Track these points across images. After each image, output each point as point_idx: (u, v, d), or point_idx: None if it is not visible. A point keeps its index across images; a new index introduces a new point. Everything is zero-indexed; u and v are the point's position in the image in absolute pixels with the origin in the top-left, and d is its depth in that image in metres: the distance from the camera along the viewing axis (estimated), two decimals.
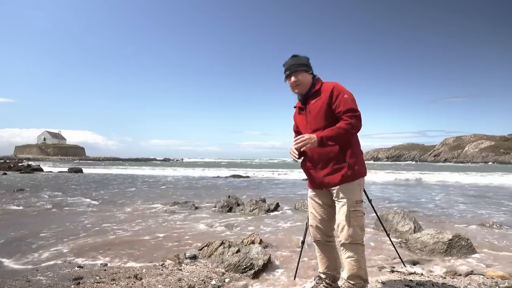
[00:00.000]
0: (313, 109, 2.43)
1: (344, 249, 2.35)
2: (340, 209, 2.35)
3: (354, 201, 2.34)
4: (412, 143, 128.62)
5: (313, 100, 2.45)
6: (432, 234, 4.08)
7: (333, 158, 2.35)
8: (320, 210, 2.51)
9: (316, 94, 2.45)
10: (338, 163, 2.35)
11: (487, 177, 19.63)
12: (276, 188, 13.45)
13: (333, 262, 2.58)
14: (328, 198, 2.48)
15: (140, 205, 8.01)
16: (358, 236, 2.31)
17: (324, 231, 2.52)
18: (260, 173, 24.95)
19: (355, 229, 2.30)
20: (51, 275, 3.10)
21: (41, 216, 6.45)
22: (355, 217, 2.31)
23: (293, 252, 3.91)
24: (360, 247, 2.34)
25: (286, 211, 7.24)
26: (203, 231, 5.18)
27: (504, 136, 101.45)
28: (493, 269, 3.35)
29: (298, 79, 2.45)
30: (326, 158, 2.37)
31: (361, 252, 2.35)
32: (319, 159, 2.40)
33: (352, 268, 2.33)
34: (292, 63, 2.48)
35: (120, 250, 4.01)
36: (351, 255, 2.32)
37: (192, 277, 3.06)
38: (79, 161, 68.43)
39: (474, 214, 7.08)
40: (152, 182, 16.47)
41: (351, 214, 2.31)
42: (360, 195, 2.39)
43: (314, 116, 2.41)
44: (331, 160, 2.36)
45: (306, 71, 2.47)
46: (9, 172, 23.36)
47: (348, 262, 2.33)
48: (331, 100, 2.36)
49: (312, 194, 2.56)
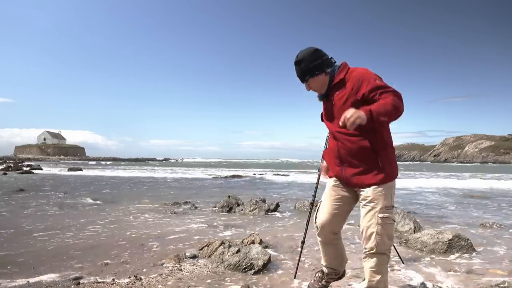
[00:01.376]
0: (337, 101, 2.18)
1: (367, 258, 2.15)
2: (367, 214, 2.12)
3: (384, 206, 2.10)
4: (412, 143, 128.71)
5: (337, 91, 2.18)
6: (432, 234, 4.08)
7: (364, 156, 2.11)
8: (338, 203, 2.29)
9: (340, 84, 2.17)
10: (369, 162, 2.12)
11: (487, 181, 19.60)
12: (276, 188, 13.45)
13: (337, 258, 2.44)
14: (353, 192, 2.26)
15: (140, 205, 8.01)
16: (385, 245, 2.11)
17: (332, 227, 2.33)
18: (260, 173, 24.96)
19: (383, 238, 2.09)
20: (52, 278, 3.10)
21: (42, 215, 6.45)
22: (384, 225, 2.08)
23: (293, 252, 3.91)
24: (385, 258, 2.14)
25: (286, 211, 7.24)
26: (203, 231, 5.18)
27: (504, 136, 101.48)
28: (493, 269, 3.35)
29: (310, 87, 2.27)
30: (355, 155, 2.13)
31: (385, 263, 2.15)
32: (347, 155, 2.16)
33: (371, 280, 2.15)
34: (298, 74, 2.26)
35: (120, 249, 4.01)
36: (373, 265, 2.12)
37: (192, 277, 3.06)
38: (78, 161, 68.41)
39: (474, 215, 7.08)
40: (152, 182, 16.47)
41: (380, 221, 2.08)
42: (391, 200, 2.15)
43: (339, 109, 2.15)
44: (361, 157, 2.12)
45: (316, 75, 2.21)
46: (9, 172, 23.36)
47: (369, 272, 2.15)
48: (360, 86, 2.08)
49: (336, 183, 2.31)
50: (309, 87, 2.27)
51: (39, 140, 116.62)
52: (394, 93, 2.02)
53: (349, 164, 2.18)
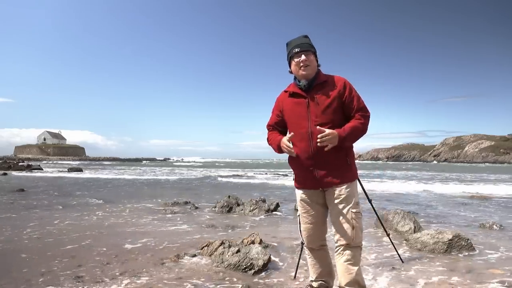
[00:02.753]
0: (322, 100, 2.18)
1: (342, 252, 2.22)
2: (343, 211, 2.21)
3: (356, 202, 2.23)
4: (412, 143, 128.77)
5: (321, 90, 2.21)
6: (432, 234, 4.08)
7: (334, 157, 2.19)
8: (314, 212, 2.35)
9: (325, 84, 2.23)
10: (341, 162, 2.22)
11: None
12: (276, 188, 13.44)
13: (326, 269, 2.46)
14: (322, 198, 2.32)
15: (140, 205, 8.01)
16: (360, 238, 2.22)
17: (318, 235, 2.40)
18: (260, 173, 24.97)
19: (357, 230, 2.20)
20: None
21: (42, 215, 6.45)
22: (357, 219, 2.21)
23: (293, 252, 3.91)
24: (359, 250, 2.25)
25: (286, 211, 7.24)
26: (203, 231, 5.18)
27: (504, 136, 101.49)
28: (494, 269, 3.35)
29: (309, 59, 2.21)
30: (329, 154, 2.16)
31: (358, 255, 2.25)
32: (319, 158, 2.19)
33: (350, 272, 2.19)
34: (305, 41, 2.24)
35: (119, 249, 4.01)
36: (349, 258, 2.20)
37: (192, 276, 3.06)
38: (79, 161, 68.40)
39: (474, 215, 7.08)
40: (152, 182, 16.47)
41: (354, 216, 2.19)
42: (357, 195, 2.29)
43: (323, 109, 2.18)
44: (332, 158, 2.18)
45: (315, 55, 2.27)
46: (9, 172, 23.37)
47: (346, 266, 2.20)
48: (344, 93, 2.20)
49: (305, 196, 2.36)
50: (307, 61, 2.20)
51: (39, 140, 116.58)
52: (367, 118, 2.25)
53: (323, 163, 2.20)
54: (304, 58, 2.20)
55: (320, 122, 2.17)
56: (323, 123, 2.16)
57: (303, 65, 2.20)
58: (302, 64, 2.20)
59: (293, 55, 2.24)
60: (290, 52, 2.27)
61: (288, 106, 2.31)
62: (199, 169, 32.87)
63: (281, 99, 2.39)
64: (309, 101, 2.21)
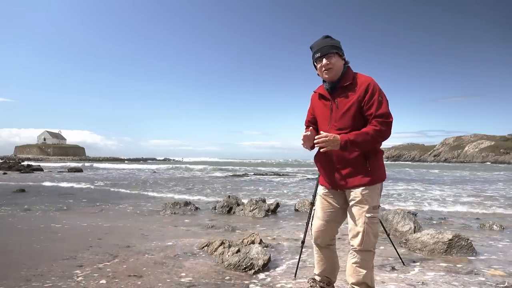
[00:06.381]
0: (342, 105, 2.19)
1: (353, 253, 2.22)
2: (356, 214, 2.19)
3: (372, 206, 2.18)
4: (412, 143, 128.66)
5: (343, 93, 2.21)
6: (432, 234, 4.08)
7: (354, 159, 2.18)
8: (330, 211, 2.34)
9: (348, 87, 2.21)
10: (359, 165, 2.19)
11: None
12: (276, 188, 13.44)
13: (331, 266, 2.47)
14: (342, 199, 2.32)
15: (140, 205, 8.02)
16: (371, 243, 2.19)
17: (328, 233, 2.39)
18: (260, 173, 24.97)
19: (369, 236, 2.16)
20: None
21: (43, 215, 6.45)
22: (370, 224, 2.16)
23: (293, 252, 3.91)
24: (370, 254, 2.22)
25: (286, 211, 7.24)
26: (203, 231, 5.18)
27: (504, 136, 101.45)
28: (494, 269, 3.35)
29: (331, 62, 2.19)
30: (346, 158, 2.19)
31: (371, 260, 2.23)
32: (338, 158, 2.21)
33: (359, 274, 2.20)
34: (325, 44, 2.22)
35: (119, 249, 4.01)
36: (358, 261, 2.19)
37: (192, 276, 3.06)
38: (79, 161, 68.42)
39: (474, 215, 7.08)
40: (152, 182, 16.47)
41: (367, 221, 2.15)
42: (378, 201, 2.23)
43: (342, 114, 2.19)
44: (351, 161, 2.19)
45: (339, 55, 2.23)
46: (9, 172, 23.37)
47: (354, 268, 2.21)
48: (364, 98, 2.15)
49: (325, 192, 2.37)
50: (329, 65, 2.20)
51: (39, 140, 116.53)
52: (387, 124, 2.13)
53: (341, 166, 2.22)
54: (325, 63, 2.21)
55: (340, 127, 2.19)
56: (341, 128, 2.18)
57: (325, 69, 2.23)
58: (324, 68, 2.23)
59: (316, 60, 2.27)
60: (313, 57, 2.30)
61: (317, 106, 2.37)
62: (198, 169, 32.80)
63: (313, 99, 2.45)
64: (332, 104, 2.25)
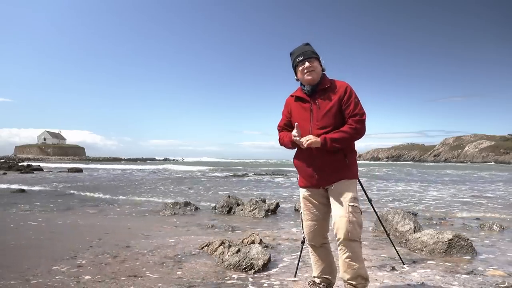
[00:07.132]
0: (324, 105, 2.34)
1: (343, 248, 2.28)
2: (339, 204, 2.30)
3: (353, 197, 2.30)
4: (412, 143, 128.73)
5: (324, 94, 2.36)
6: (432, 234, 4.07)
7: (335, 156, 2.31)
8: (315, 210, 2.46)
9: (328, 90, 2.37)
10: (339, 161, 2.33)
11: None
12: (276, 188, 13.44)
13: (328, 266, 2.53)
14: (324, 197, 2.44)
15: (140, 206, 8.02)
16: (357, 232, 2.26)
17: (320, 231, 2.48)
18: (260, 173, 24.97)
19: (354, 225, 2.24)
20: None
21: (43, 215, 6.45)
22: (353, 213, 2.26)
23: (293, 252, 3.91)
24: (358, 245, 2.29)
25: (286, 211, 7.24)
26: (202, 231, 5.18)
27: (504, 136, 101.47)
28: (493, 269, 3.35)
29: (313, 65, 2.35)
30: (327, 155, 2.31)
31: (359, 250, 2.31)
32: (318, 155, 2.33)
33: (352, 267, 2.26)
34: (307, 49, 2.39)
35: (119, 249, 4.01)
36: (349, 254, 2.26)
37: (192, 276, 3.06)
38: (79, 161, 68.36)
39: (474, 215, 7.08)
40: (152, 182, 16.47)
41: (351, 209, 2.26)
42: (357, 193, 2.35)
43: (323, 113, 2.33)
44: (332, 157, 2.31)
45: (318, 61, 2.40)
46: (9, 172, 23.36)
47: (347, 263, 2.27)
48: (343, 98, 2.31)
49: (307, 194, 2.48)
50: (311, 67, 2.34)
51: (39, 140, 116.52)
52: (362, 122, 2.30)
53: (322, 164, 2.34)
54: (308, 65, 2.35)
55: (321, 126, 2.32)
56: (324, 127, 2.31)
57: (307, 71, 2.35)
58: (307, 70, 2.35)
59: (298, 63, 2.39)
60: (294, 61, 2.43)
61: (294, 109, 2.48)
62: (198, 169, 32.80)
63: (289, 102, 2.55)
64: (312, 106, 2.37)
